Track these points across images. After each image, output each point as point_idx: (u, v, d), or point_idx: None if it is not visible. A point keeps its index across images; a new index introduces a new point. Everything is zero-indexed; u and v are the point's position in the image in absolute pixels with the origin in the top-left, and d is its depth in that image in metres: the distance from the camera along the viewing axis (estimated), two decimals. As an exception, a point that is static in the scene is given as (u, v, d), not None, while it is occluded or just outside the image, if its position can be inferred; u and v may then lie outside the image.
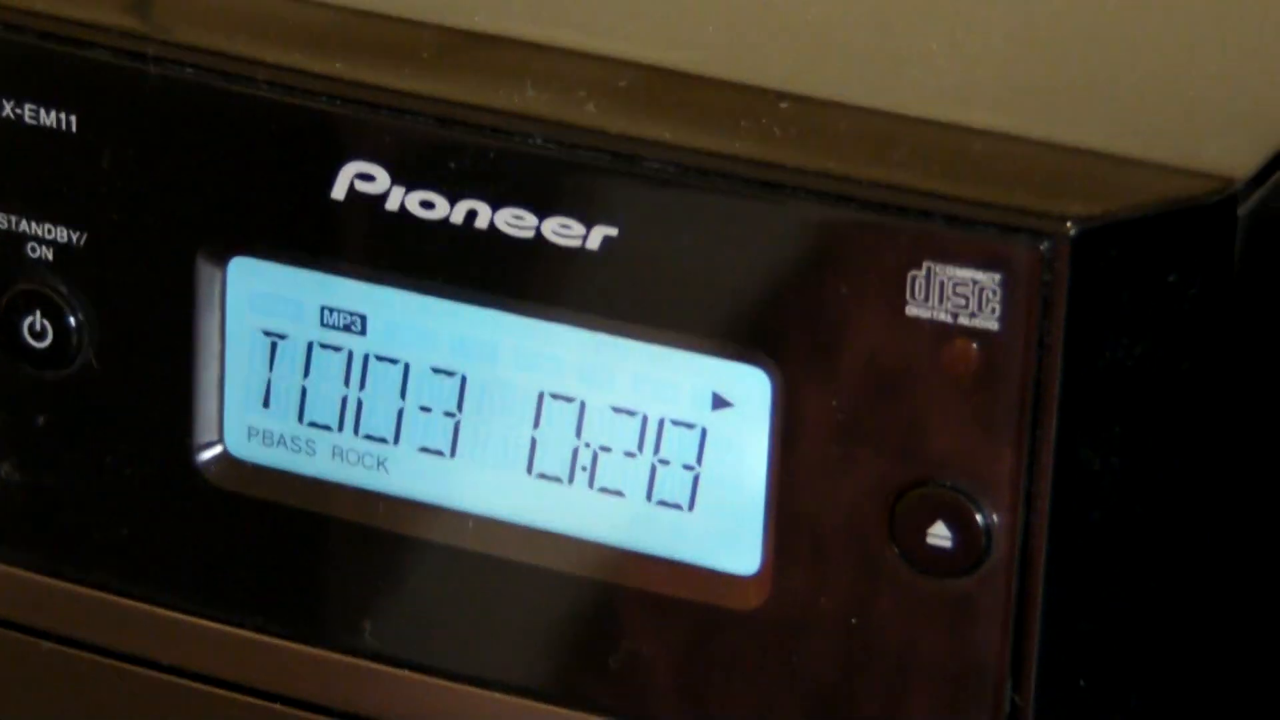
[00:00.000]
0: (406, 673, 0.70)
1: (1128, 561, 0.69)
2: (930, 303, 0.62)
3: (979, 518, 0.63)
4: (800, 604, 0.67)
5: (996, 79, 0.75)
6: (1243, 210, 0.65)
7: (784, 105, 0.69)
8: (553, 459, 0.68)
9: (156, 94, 0.71)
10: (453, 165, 0.65)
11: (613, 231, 0.66)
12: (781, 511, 0.65)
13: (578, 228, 0.65)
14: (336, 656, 0.72)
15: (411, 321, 0.69)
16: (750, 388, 0.65)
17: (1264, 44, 0.82)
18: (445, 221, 0.67)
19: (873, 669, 0.69)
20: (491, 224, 0.65)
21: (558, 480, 0.67)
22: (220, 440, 0.71)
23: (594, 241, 0.65)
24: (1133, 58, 0.78)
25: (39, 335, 0.70)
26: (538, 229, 0.65)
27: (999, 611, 0.66)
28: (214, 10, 0.74)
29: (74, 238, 0.71)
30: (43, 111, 0.72)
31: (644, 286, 0.67)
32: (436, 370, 0.68)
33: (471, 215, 0.65)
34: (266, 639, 0.77)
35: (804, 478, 0.65)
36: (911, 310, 0.62)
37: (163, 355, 0.70)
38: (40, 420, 0.72)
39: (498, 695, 0.71)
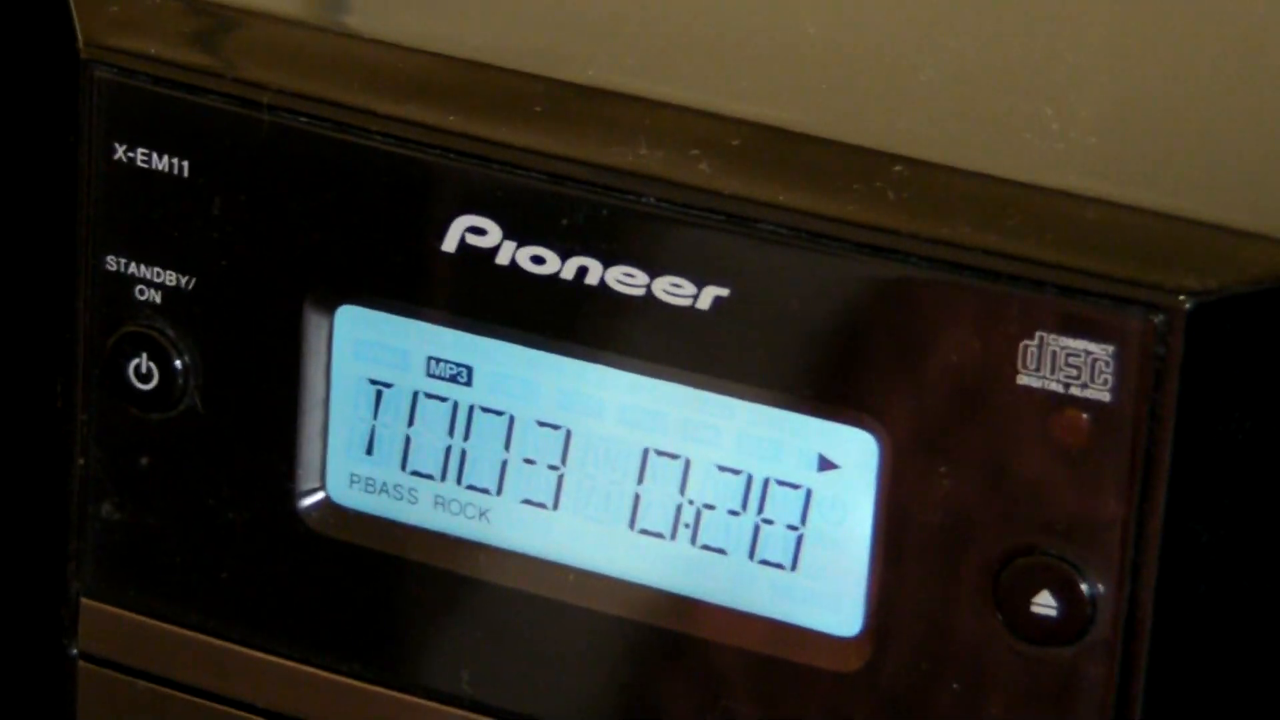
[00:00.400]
0: None
1: (1233, 636, 0.69)
2: (1042, 372, 0.61)
3: (1085, 587, 0.63)
4: (901, 668, 0.66)
5: (1109, 146, 0.73)
6: None
7: (897, 169, 0.70)
8: (656, 515, 0.68)
9: (270, 142, 0.71)
10: (565, 222, 0.66)
11: (724, 291, 0.65)
12: (885, 575, 0.65)
13: (689, 287, 0.65)
14: (434, 705, 0.71)
15: (518, 374, 0.69)
16: (857, 451, 0.64)
17: None
18: (555, 277, 0.66)
19: None
20: (602, 281, 0.65)
21: (660, 536, 0.68)
22: (323, 486, 0.71)
23: (704, 301, 0.65)
24: (1245, 127, 0.77)
25: (145, 377, 0.71)
26: (648, 287, 0.65)
27: (1103, 683, 0.65)
28: (329, 59, 0.72)
29: (183, 281, 0.71)
30: (155, 156, 0.72)
31: (753, 346, 0.66)
32: (541, 424, 0.68)
33: (582, 272, 0.66)
34: (364, 685, 0.74)
35: (909, 542, 0.65)
36: (1023, 379, 0.61)
37: (268, 400, 0.71)
38: (143, 461, 0.72)
39: None
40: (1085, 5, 0.93)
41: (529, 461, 0.68)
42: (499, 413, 0.68)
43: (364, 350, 0.70)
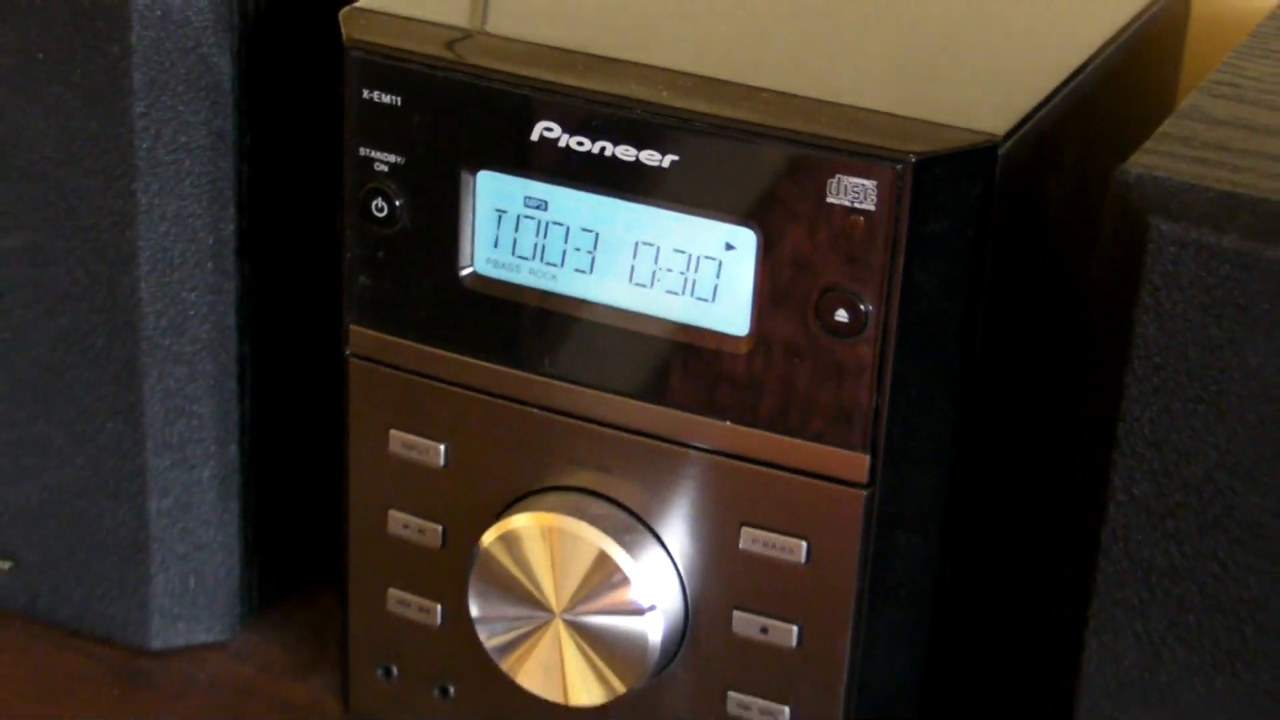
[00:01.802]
0: (569, 384, 0.86)
1: (942, 343, 0.84)
2: (839, 196, 0.78)
3: (861, 307, 0.80)
4: (768, 351, 0.83)
5: (860, 70, 0.89)
6: (1001, 152, 0.80)
7: (765, 94, 0.82)
8: (642, 275, 0.85)
9: (446, 87, 0.84)
10: (594, 123, 0.82)
11: (676, 158, 0.81)
12: (760, 302, 0.82)
13: (658, 156, 0.81)
14: (522, 408, 0.88)
15: (571, 205, 0.85)
16: (744, 240, 0.82)
17: (1018, 34, 0.96)
18: (588, 153, 0.82)
19: (803, 389, 0.83)
20: (613, 154, 0.81)
21: (644, 286, 0.85)
22: (472, 264, 0.88)
23: (667, 163, 0.81)
24: (946, 47, 0.92)
25: (379, 210, 0.88)
26: (637, 157, 0.81)
27: (870, 360, 0.82)
28: (480, 48, 0.87)
29: (396, 160, 0.86)
30: (380, 94, 0.87)
31: (693, 185, 0.81)
32: (584, 229, 0.85)
33: (602, 149, 0.82)
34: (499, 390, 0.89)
35: (772, 286, 0.82)
36: (829, 200, 0.79)
37: (442, 221, 0.87)
38: (380, 254, 0.89)
39: (614, 397, 0.86)
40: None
41: (577, 249, 0.85)
42: (561, 224, 0.85)
43: (491, 194, 0.86)
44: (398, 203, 0.86)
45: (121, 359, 0.93)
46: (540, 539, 0.86)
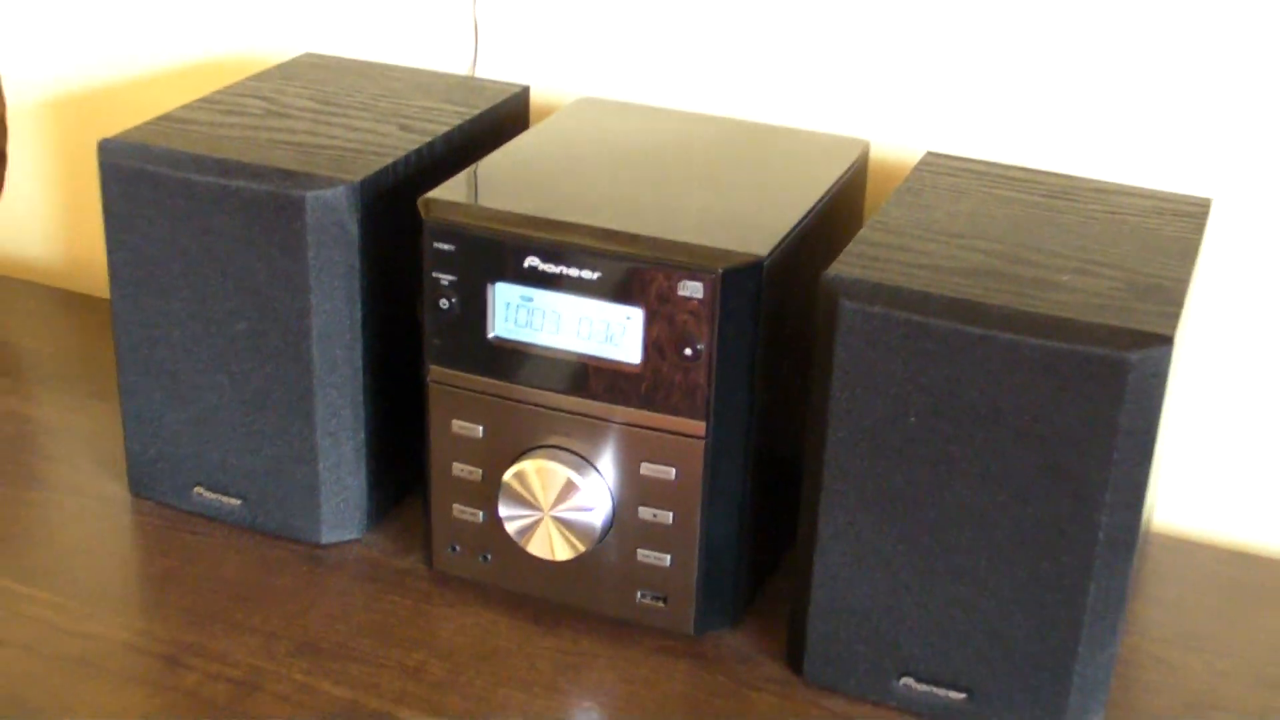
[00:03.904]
0: (546, 391, 0.90)
1: (746, 360, 0.87)
2: (684, 291, 0.85)
3: (699, 346, 0.85)
4: (652, 369, 0.86)
5: (692, 218, 0.88)
6: (765, 265, 0.84)
7: (631, 235, 0.85)
8: (583, 332, 0.89)
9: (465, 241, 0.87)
10: (556, 256, 0.85)
11: (599, 274, 0.86)
12: (646, 345, 0.86)
13: (589, 273, 0.86)
14: (521, 405, 0.89)
15: (546, 299, 0.87)
16: (638, 314, 0.85)
17: (771, 188, 0.94)
18: (555, 272, 0.87)
19: (669, 388, 0.86)
20: (566, 272, 0.86)
21: (585, 338, 0.89)
22: (495, 331, 0.90)
23: (594, 276, 0.86)
24: (733, 200, 0.92)
25: (444, 304, 0.91)
26: (579, 273, 0.86)
27: (705, 372, 0.85)
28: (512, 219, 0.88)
29: (453, 279, 0.88)
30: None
31: (610, 294, 0.86)
32: (552, 311, 0.88)
33: (561, 270, 0.87)
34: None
35: (653, 338, 0.86)
36: (679, 293, 0.85)
37: (477, 310, 0.91)
38: (444, 328, 0.90)
39: (569, 396, 0.88)
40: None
41: (549, 321, 0.88)
42: (540, 309, 0.88)
43: (502, 295, 0.88)
44: (454, 300, 0.90)
45: (302, 389, 0.94)
46: (535, 474, 0.90)
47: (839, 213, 0.96)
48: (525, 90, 1.08)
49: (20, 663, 0.88)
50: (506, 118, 1.04)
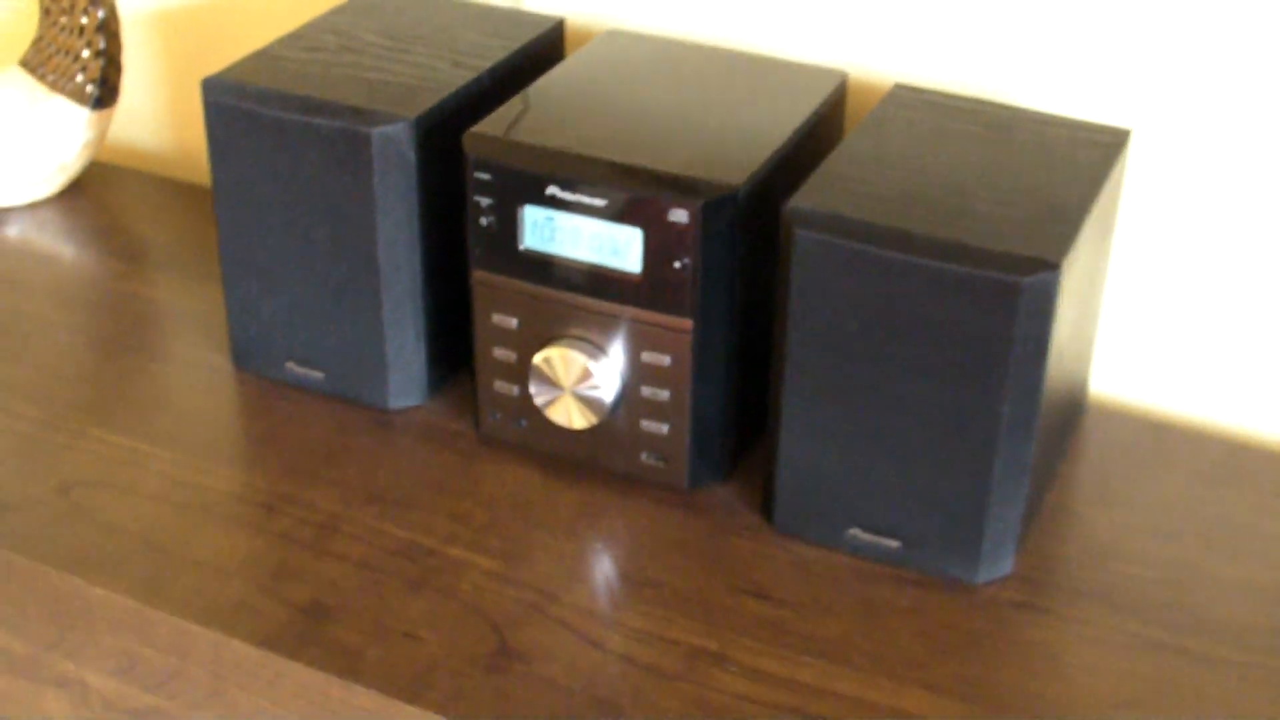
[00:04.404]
0: (566, 291, 0.99)
1: (722, 273, 0.94)
2: (674, 216, 0.93)
3: (686, 260, 0.93)
4: (650, 277, 0.94)
5: (679, 153, 0.95)
6: (740, 195, 0.93)
7: (639, 171, 0.92)
8: (594, 246, 0.96)
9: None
10: (575, 184, 0.94)
11: (606, 200, 0.94)
12: (646, 259, 0.94)
13: (600, 200, 0.95)
14: (549, 304, 0.98)
15: (567, 220, 0.96)
16: (637, 234, 0.94)
17: (747, 121, 1.00)
18: (574, 199, 0.95)
19: (662, 291, 0.94)
20: (581, 199, 0.94)
21: (597, 250, 0.96)
22: (524, 243, 0.97)
23: (603, 202, 0.95)
24: (713, 133, 0.98)
25: (485, 222, 0.98)
26: (592, 198, 0.94)
27: (690, 278, 0.93)
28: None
29: (491, 201, 0.97)
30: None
31: (615, 216, 0.95)
32: (572, 228, 0.95)
33: (579, 198, 0.95)
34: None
35: (649, 253, 0.94)
36: (668, 219, 0.93)
37: (511, 227, 0.98)
38: (485, 238, 0.98)
39: (586, 297, 0.96)
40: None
41: (569, 237, 0.97)
42: (562, 227, 0.95)
43: (531, 216, 0.96)
44: (492, 218, 0.98)
45: (372, 286, 1.02)
46: (559, 359, 0.98)
47: (817, 140, 1.02)
48: (560, 23, 1.15)
49: (149, 510, 0.99)
50: (545, 49, 1.13)
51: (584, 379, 0.97)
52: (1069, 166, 0.96)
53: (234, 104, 1.02)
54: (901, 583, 0.94)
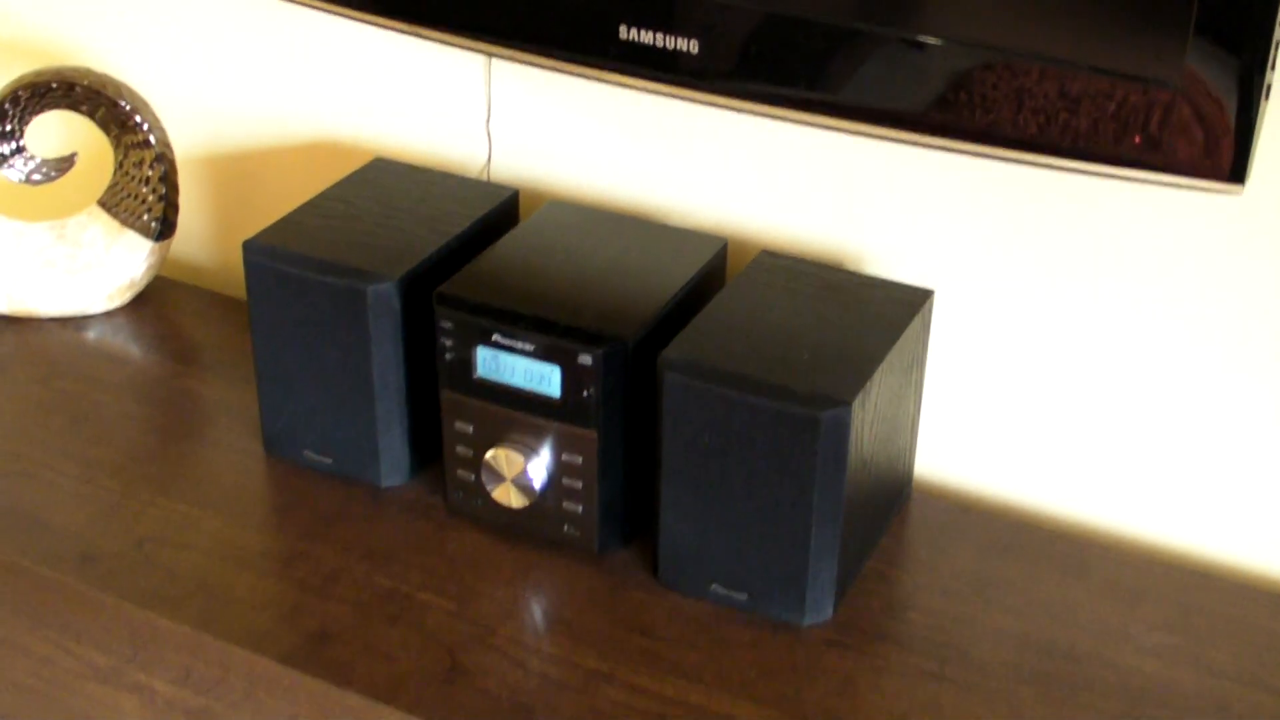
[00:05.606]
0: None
1: (619, 402, 1.09)
2: (582, 359, 1.07)
3: (591, 389, 1.05)
4: (568, 398, 1.08)
5: (591, 302, 1.06)
6: (630, 346, 1.07)
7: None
8: None
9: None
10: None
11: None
12: (564, 388, 1.06)
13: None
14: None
15: None
16: (555, 373, 1.07)
17: (638, 279, 1.11)
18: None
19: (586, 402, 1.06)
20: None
21: None
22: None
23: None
24: (613, 290, 1.08)
25: (442, 351, 1.11)
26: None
27: (595, 405, 1.08)
28: None
29: (451, 342, 1.12)
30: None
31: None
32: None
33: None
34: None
35: (568, 384, 1.09)
36: (579, 360, 1.08)
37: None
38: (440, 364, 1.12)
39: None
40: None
41: None
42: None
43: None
44: (455, 353, 1.13)
45: (368, 397, 1.18)
46: (504, 457, 1.12)
47: (700, 294, 1.14)
48: (516, 194, 1.27)
49: (201, 560, 1.11)
50: (502, 216, 1.26)
51: (521, 471, 1.10)
52: (876, 320, 1.08)
53: (267, 264, 1.16)
54: (747, 624, 1.06)
